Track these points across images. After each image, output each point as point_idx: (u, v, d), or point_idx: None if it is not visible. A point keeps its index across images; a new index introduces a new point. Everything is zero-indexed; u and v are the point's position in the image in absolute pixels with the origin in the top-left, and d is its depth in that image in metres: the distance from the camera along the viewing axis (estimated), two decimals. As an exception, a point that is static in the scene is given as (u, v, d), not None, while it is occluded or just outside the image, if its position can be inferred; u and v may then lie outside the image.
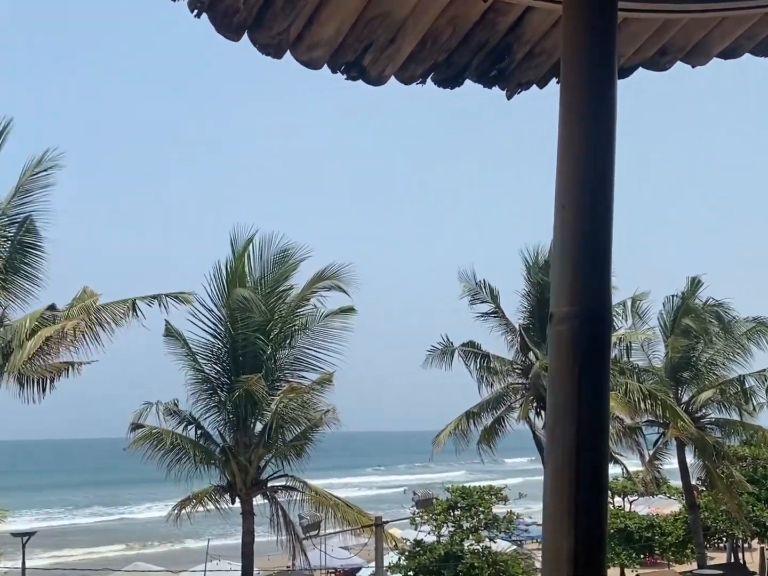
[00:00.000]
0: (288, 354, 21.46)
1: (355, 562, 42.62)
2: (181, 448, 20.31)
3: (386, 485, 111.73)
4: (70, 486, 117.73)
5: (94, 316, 17.83)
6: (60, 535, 69.55)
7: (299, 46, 2.30)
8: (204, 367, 21.01)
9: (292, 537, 20.92)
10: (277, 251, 21.00)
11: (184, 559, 48.63)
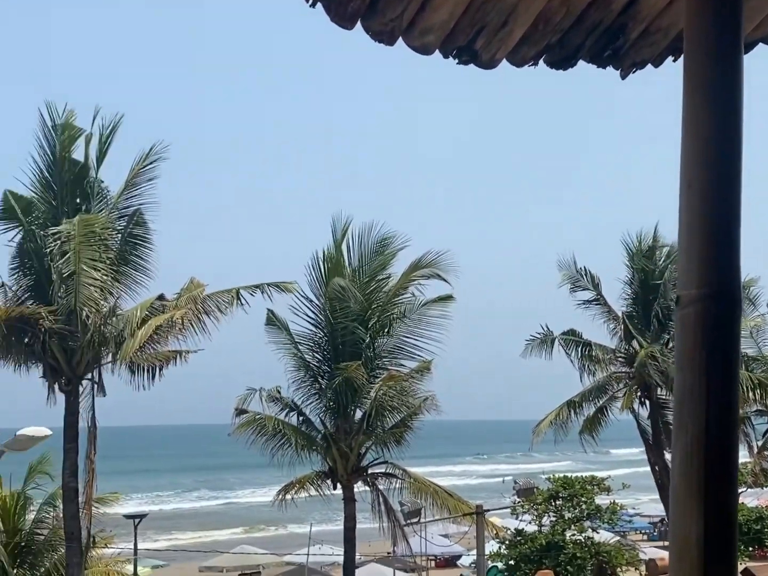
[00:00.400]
0: (386, 342, 21.57)
1: (456, 550, 42.67)
2: (283, 434, 20.69)
3: (486, 474, 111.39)
4: (179, 471, 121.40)
5: (200, 305, 18.31)
6: (169, 518, 71.98)
7: (412, 32, 2.31)
8: (305, 355, 21.32)
9: (393, 523, 21.07)
10: (375, 240, 21.10)
11: (288, 543, 49.63)
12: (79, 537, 17.38)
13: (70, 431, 17.56)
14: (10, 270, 18.16)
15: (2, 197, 18.14)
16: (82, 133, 18.20)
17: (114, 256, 18.16)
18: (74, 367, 17.63)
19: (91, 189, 18.51)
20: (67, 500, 17.52)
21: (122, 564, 22.55)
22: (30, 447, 11.68)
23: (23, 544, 19.79)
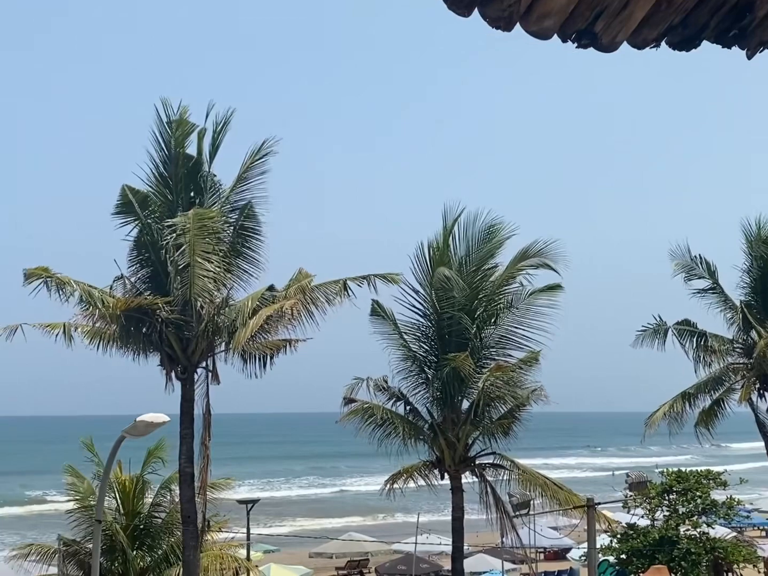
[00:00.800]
0: (493, 332, 21.38)
1: (565, 543, 42.13)
2: (390, 422, 20.79)
3: (597, 467, 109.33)
4: (289, 458, 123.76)
5: (309, 295, 18.57)
6: (280, 504, 73.48)
7: (529, 17, 2.26)
8: (411, 346, 21.35)
9: (501, 515, 20.93)
10: (482, 228, 20.92)
11: (395, 532, 50.00)
12: (195, 521, 17.92)
13: (185, 417, 18.12)
14: (128, 262, 18.82)
15: (120, 192, 18.80)
16: (196, 129, 18.68)
17: (226, 248, 18.60)
18: (189, 355, 18.16)
19: (204, 183, 18.99)
20: (183, 484, 18.09)
21: (235, 548, 23.15)
22: (149, 432, 12.11)
23: (142, 526, 20.55)
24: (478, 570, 36.02)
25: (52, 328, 17.64)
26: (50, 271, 17.60)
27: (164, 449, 20.53)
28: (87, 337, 18.06)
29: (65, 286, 17.62)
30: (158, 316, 17.62)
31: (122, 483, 20.40)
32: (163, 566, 20.16)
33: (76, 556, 19.74)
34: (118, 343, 18.26)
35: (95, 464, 20.45)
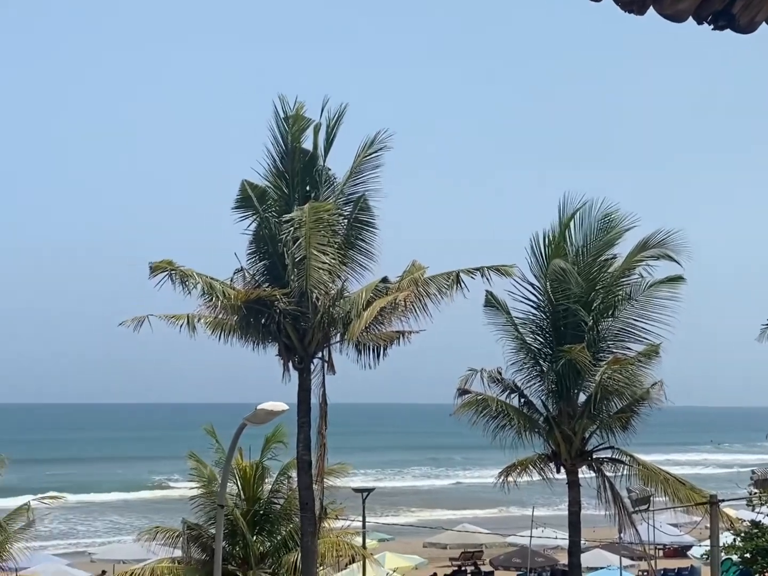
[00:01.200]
0: (611, 324, 20.92)
1: (686, 540, 40.90)
2: (505, 414, 20.64)
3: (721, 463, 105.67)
4: (404, 449, 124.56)
5: (422, 287, 18.61)
6: (394, 494, 74.11)
7: (664, 0, 2.19)
8: (525, 338, 21.12)
9: (619, 510, 20.50)
10: (600, 217, 20.47)
11: (509, 525, 49.66)
12: (313, 508, 18.27)
13: (303, 406, 18.49)
14: (247, 255, 19.29)
15: (240, 187, 19.29)
16: (311, 124, 18.97)
17: (341, 240, 18.84)
18: (306, 346, 18.49)
19: (319, 177, 19.28)
20: (301, 472, 18.47)
21: (351, 536, 23.47)
22: (268, 421, 12.41)
23: (261, 512, 21.08)
24: (595, 565, 35.42)
25: (177, 319, 18.27)
26: (174, 264, 18.23)
27: (282, 437, 20.99)
28: (209, 327, 18.63)
29: (188, 279, 18.21)
30: (276, 307, 18.01)
31: (243, 469, 20.96)
32: (282, 551, 20.63)
33: (199, 539, 20.42)
34: (238, 334, 18.76)
35: (217, 451, 21.09)
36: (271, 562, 20.54)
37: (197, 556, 20.46)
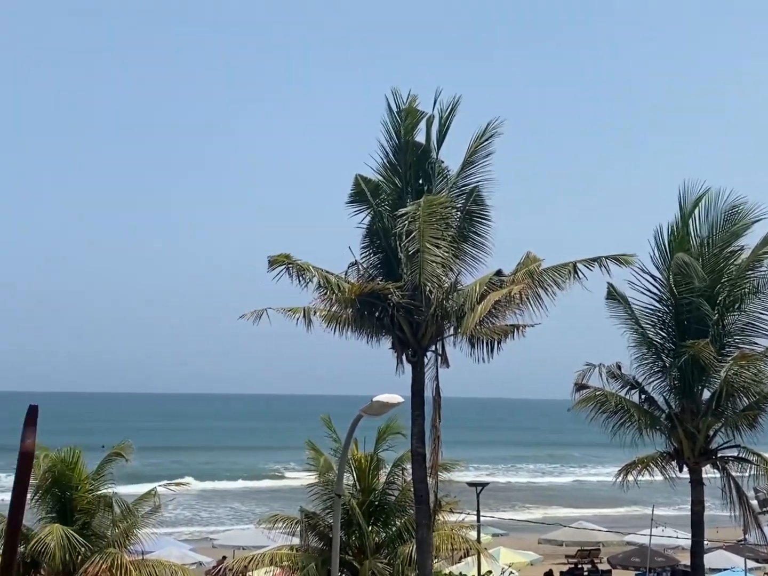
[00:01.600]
0: (737, 319, 20.15)
1: (817, 545, 38.92)
2: (624, 411, 20.16)
3: None
4: (518, 444, 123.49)
5: (537, 279, 18.34)
6: (508, 489, 73.58)
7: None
8: (647, 332, 20.56)
9: (745, 511, 19.72)
10: (726, 208, 19.71)
11: (628, 523, 48.60)
12: (427, 500, 18.30)
13: (416, 399, 18.53)
14: (361, 249, 19.44)
15: (354, 182, 19.46)
16: (424, 116, 18.95)
17: (454, 233, 18.75)
18: (419, 339, 18.51)
19: (432, 169, 19.24)
20: (415, 465, 18.53)
21: (466, 530, 23.40)
22: (384, 413, 12.49)
23: (377, 502, 21.25)
24: (718, 567, 34.17)
25: (294, 312, 18.60)
26: (291, 258, 18.56)
27: (396, 429, 21.11)
28: (325, 320, 18.88)
29: (305, 272, 18.51)
30: (390, 300, 18.10)
31: (358, 460, 21.18)
32: (396, 542, 20.76)
33: (316, 528, 20.77)
34: (352, 327, 18.93)
35: (333, 441, 21.39)
36: (386, 553, 20.70)
37: (314, 544, 20.81)
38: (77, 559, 19.48)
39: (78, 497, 20.08)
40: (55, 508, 20.13)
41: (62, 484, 20.04)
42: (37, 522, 20.00)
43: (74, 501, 20.07)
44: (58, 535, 18.82)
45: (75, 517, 20.01)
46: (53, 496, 20.11)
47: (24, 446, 4.06)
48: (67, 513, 20.03)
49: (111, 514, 20.48)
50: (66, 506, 20.09)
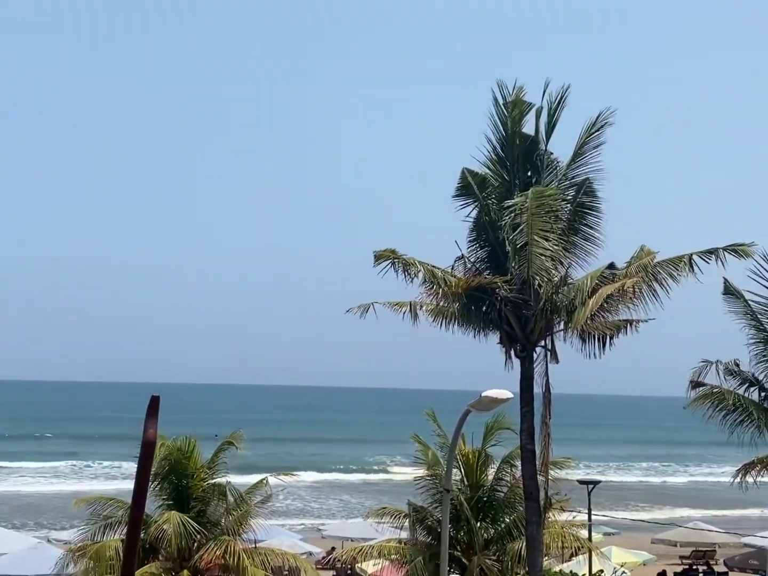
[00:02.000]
0: None
1: None
2: (743, 409, 19.44)
3: None
4: (631, 442, 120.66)
5: (651, 273, 17.84)
6: (619, 489, 71.94)
7: None
8: (767, 327, 19.74)
9: None
10: None
11: (745, 525, 46.86)
12: (537, 498, 18.08)
13: (525, 395, 18.30)
14: (467, 243, 19.31)
15: (460, 175, 19.35)
16: (532, 108, 18.68)
17: (564, 226, 18.41)
18: (528, 334, 18.28)
19: (540, 161, 18.94)
20: (525, 461, 18.31)
21: (576, 528, 23.03)
22: (492, 408, 12.42)
23: (485, 498, 21.13)
24: None
25: (400, 307, 18.66)
26: (397, 253, 18.61)
27: (504, 425, 20.94)
28: (431, 315, 18.87)
29: (410, 267, 18.54)
30: (497, 295, 17.92)
31: (465, 455, 21.11)
32: (506, 539, 20.60)
33: (424, 522, 20.81)
34: (459, 321, 18.86)
35: (438, 435, 21.38)
36: (495, 549, 20.57)
37: (422, 539, 20.85)
38: (193, 546, 20.11)
39: (193, 485, 20.72)
40: (172, 496, 20.83)
41: (179, 473, 20.71)
42: (156, 509, 20.74)
43: (190, 489, 20.71)
44: (175, 522, 19.46)
45: (191, 505, 20.65)
46: (170, 483, 20.80)
47: (146, 436, 4.18)
48: (183, 500, 20.69)
49: (225, 502, 21.06)
50: (182, 494, 20.75)
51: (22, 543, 33.41)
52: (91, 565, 19.78)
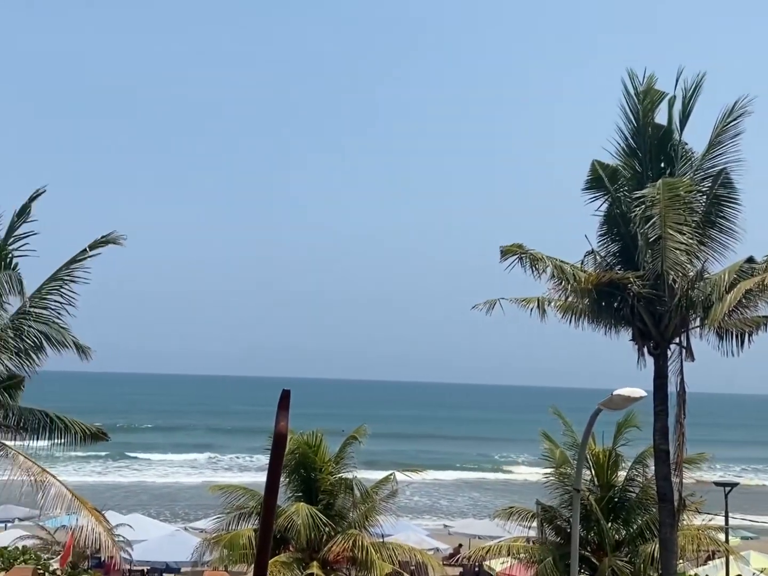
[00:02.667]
0: None
1: None
2: None
3: None
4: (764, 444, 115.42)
5: (794, 267, 16.95)
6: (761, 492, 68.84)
7: None
8: None
9: None
10: None
11: None
12: (671, 499, 17.50)
13: (659, 393, 17.73)
14: (598, 237, 18.85)
15: (590, 168, 18.90)
16: (665, 97, 18.06)
17: (699, 218, 17.72)
18: (662, 330, 17.71)
19: (674, 152, 18.31)
20: (658, 461, 17.75)
21: (713, 531, 22.16)
22: (625, 407, 12.06)
23: (616, 499, 20.61)
24: None
25: (527, 302, 18.40)
26: (524, 248, 18.34)
27: (635, 424, 20.38)
28: (560, 311, 18.53)
29: (538, 262, 18.23)
30: (630, 290, 17.43)
31: (596, 455, 20.66)
32: (638, 541, 20.05)
33: (553, 521, 20.48)
34: (589, 318, 18.45)
35: (564, 434, 21.00)
36: (627, 551, 20.05)
37: (551, 538, 20.54)
38: (321, 538, 20.46)
39: (321, 479, 21.08)
40: (301, 488, 21.26)
41: (307, 466, 21.11)
42: (286, 500, 21.22)
43: (318, 482, 21.09)
44: (304, 514, 19.85)
45: (319, 498, 21.02)
46: (299, 476, 21.23)
47: (278, 429, 4.25)
48: (311, 493, 21.08)
49: (352, 496, 21.32)
50: (311, 487, 21.15)
51: (161, 530, 34.92)
52: (226, 553, 20.42)
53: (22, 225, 16.60)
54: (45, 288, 16.49)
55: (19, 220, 16.56)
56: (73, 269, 16.56)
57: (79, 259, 16.61)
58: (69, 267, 16.57)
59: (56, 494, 16.07)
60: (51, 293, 16.41)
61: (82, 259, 16.60)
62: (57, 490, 16.11)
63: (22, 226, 16.60)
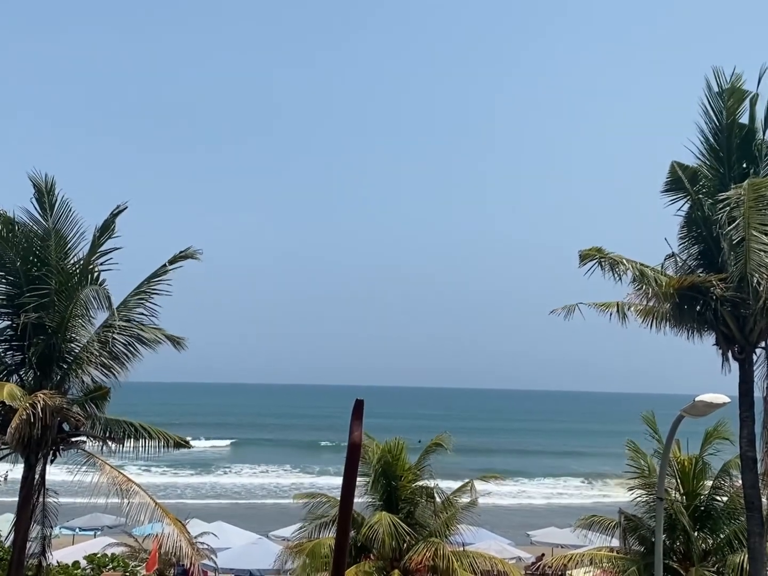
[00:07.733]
0: None
1: None
2: None
3: None
4: None
5: None
6: None
7: None
8: None
9: None
10: None
11: None
12: (760, 507, 16.99)
13: (745, 399, 17.23)
14: (678, 239, 18.47)
15: (669, 169, 18.54)
16: (748, 96, 17.62)
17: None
18: (747, 334, 17.23)
19: (758, 152, 17.85)
20: (745, 469, 17.25)
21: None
22: (708, 413, 11.75)
23: (702, 508, 20.09)
24: None
25: (606, 307, 18.11)
26: (603, 252, 18.06)
27: (727, 431, 19.84)
28: (640, 315, 18.20)
29: (618, 266, 17.93)
30: (712, 293, 17.02)
31: (681, 462, 20.18)
32: (726, 551, 19.49)
33: (636, 531, 20.06)
34: (671, 322, 18.07)
35: (656, 441, 20.56)
36: (714, 561, 19.50)
37: (635, 548, 20.13)
38: (402, 546, 20.48)
39: (402, 487, 21.11)
40: (383, 497, 21.33)
41: (389, 474, 21.18)
42: (366, 508, 21.31)
43: (399, 490, 21.12)
44: (386, 523, 19.90)
45: (400, 506, 21.05)
46: (381, 485, 21.31)
47: (352, 438, 4.30)
48: (392, 502, 21.13)
49: (432, 504, 21.29)
50: (392, 495, 21.20)
51: (244, 538, 35.45)
52: (308, 562, 20.62)
53: (107, 241, 17.19)
54: (130, 301, 17.12)
55: (104, 236, 17.14)
56: (155, 282, 17.13)
57: (160, 273, 17.16)
58: (150, 281, 17.16)
59: (140, 503, 16.49)
60: (137, 306, 17.07)
61: (163, 273, 17.14)
62: (141, 499, 16.53)
63: (107, 242, 17.18)
